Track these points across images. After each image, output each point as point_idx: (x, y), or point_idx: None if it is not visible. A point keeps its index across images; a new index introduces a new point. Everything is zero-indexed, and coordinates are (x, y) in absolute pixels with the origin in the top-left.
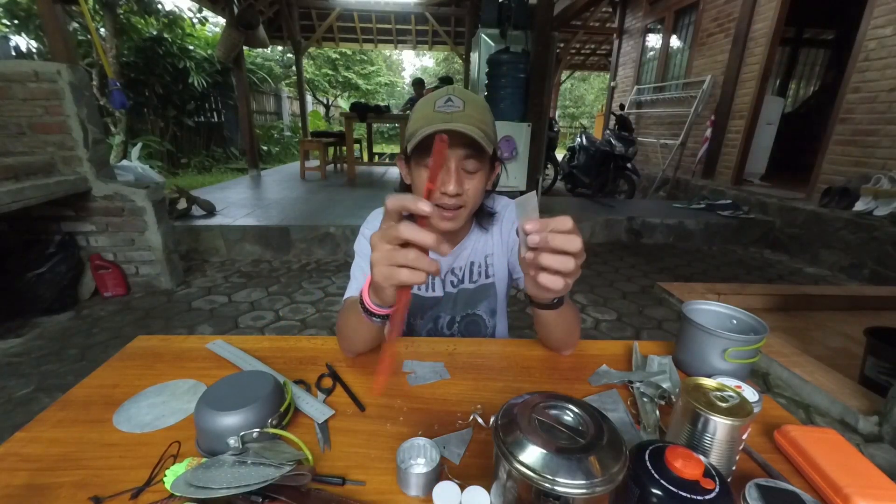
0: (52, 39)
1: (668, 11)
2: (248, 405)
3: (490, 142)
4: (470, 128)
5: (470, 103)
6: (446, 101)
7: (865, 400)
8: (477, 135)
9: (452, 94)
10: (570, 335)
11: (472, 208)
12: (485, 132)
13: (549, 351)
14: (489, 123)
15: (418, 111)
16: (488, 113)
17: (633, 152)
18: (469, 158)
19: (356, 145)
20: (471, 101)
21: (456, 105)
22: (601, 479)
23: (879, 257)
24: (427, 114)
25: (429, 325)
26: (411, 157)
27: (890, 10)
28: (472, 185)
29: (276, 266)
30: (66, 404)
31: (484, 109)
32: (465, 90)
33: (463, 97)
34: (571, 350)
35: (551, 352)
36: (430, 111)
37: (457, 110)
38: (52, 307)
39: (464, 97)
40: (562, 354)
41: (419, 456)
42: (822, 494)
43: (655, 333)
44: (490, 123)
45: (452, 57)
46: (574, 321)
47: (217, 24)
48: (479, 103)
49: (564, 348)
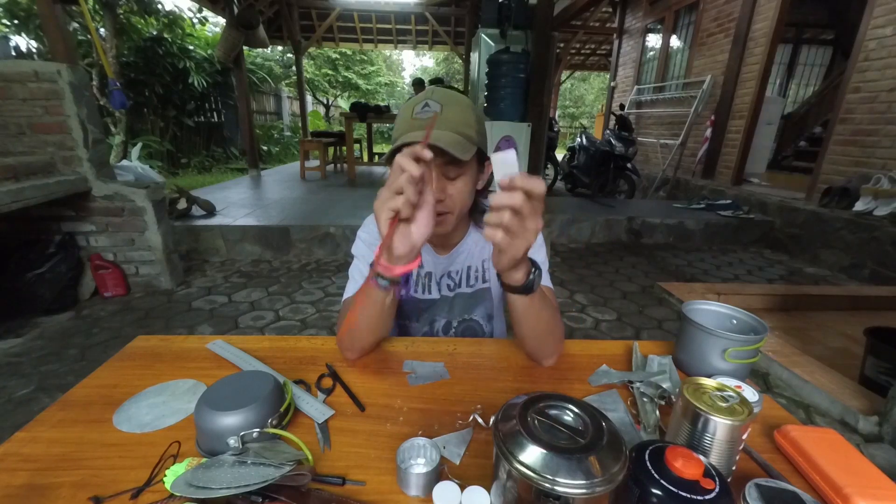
0: (52, 39)
1: (668, 11)
2: (248, 405)
3: (472, 143)
4: (445, 134)
5: (449, 105)
6: (423, 106)
7: (865, 400)
8: (450, 142)
9: (430, 99)
10: (543, 339)
11: (460, 212)
12: (464, 134)
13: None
14: (471, 123)
15: (399, 116)
16: (471, 111)
17: (633, 152)
18: (449, 165)
19: (356, 145)
20: (450, 102)
21: (432, 109)
22: (601, 479)
23: (879, 257)
24: (406, 120)
25: (424, 328)
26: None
27: (890, 10)
28: (455, 189)
29: (276, 266)
30: (66, 404)
31: (465, 109)
32: (448, 91)
33: (442, 100)
34: (550, 361)
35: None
36: (408, 117)
37: (432, 114)
38: (52, 307)
39: (443, 100)
40: (542, 365)
41: (419, 456)
42: (822, 494)
43: (655, 333)
44: (473, 123)
45: (452, 57)
46: (551, 324)
47: (217, 24)
48: (460, 104)
49: (541, 357)
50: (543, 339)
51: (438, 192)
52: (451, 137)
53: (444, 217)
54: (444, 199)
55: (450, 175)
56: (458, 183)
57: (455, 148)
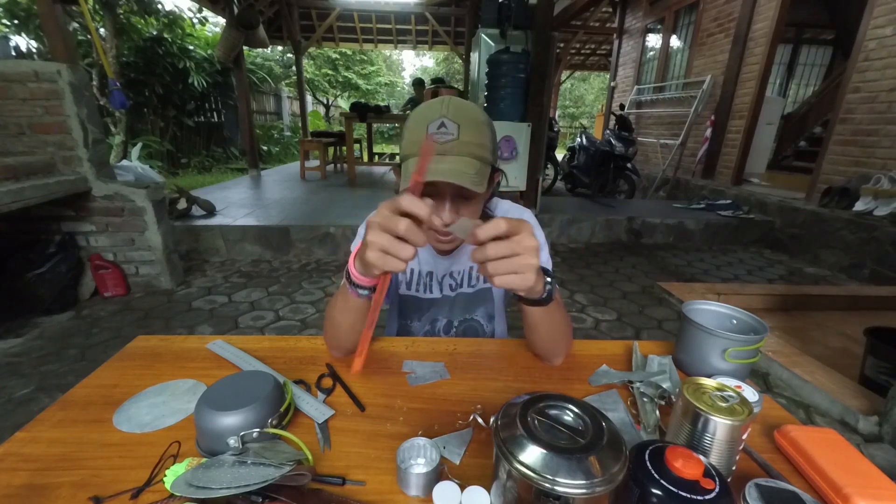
0: (52, 39)
1: (668, 11)
2: (248, 405)
3: (487, 165)
4: (463, 162)
5: (465, 126)
6: (439, 126)
7: (865, 400)
8: (468, 173)
9: (446, 118)
10: (556, 342)
11: None
12: (481, 157)
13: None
14: (486, 143)
15: (412, 131)
16: (486, 129)
17: (633, 152)
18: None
19: (356, 145)
20: (466, 121)
21: (450, 132)
22: (601, 479)
23: (879, 257)
24: (420, 139)
25: (426, 328)
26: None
27: (890, 10)
28: (468, 211)
29: (276, 266)
30: (66, 404)
31: (481, 127)
32: (462, 104)
33: (458, 119)
34: (560, 360)
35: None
36: (422, 133)
37: (451, 139)
38: (52, 307)
39: (458, 119)
40: (551, 363)
41: (419, 456)
42: (822, 494)
43: (655, 333)
44: (488, 142)
45: (452, 57)
46: (563, 327)
47: (217, 24)
48: (476, 121)
49: (552, 356)
50: (557, 341)
51: (450, 217)
52: (469, 165)
53: (453, 238)
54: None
55: (464, 195)
56: (472, 206)
57: (473, 180)
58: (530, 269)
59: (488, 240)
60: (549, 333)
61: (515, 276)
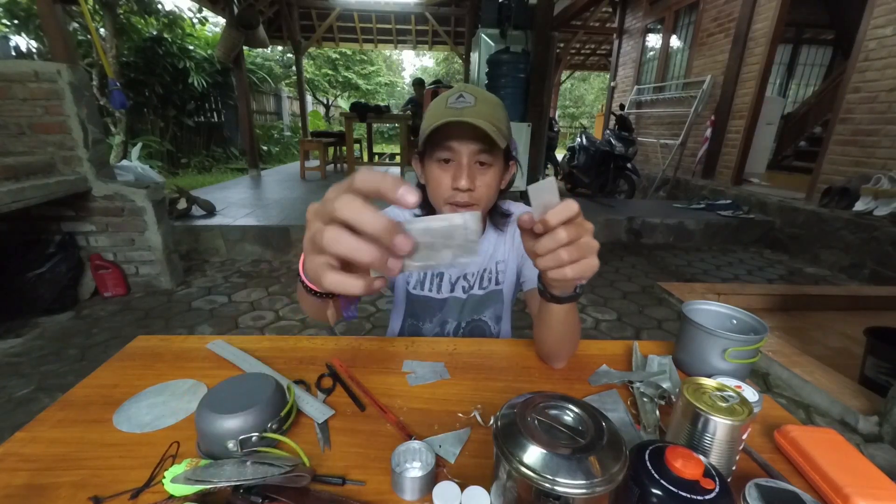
0: (52, 39)
1: (668, 11)
2: (248, 408)
3: (503, 137)
4: (480, 121)
5: (482, 100)
6: (458, 97)
7: (865, 400)
8: (488, 128)
9: (464, 91)
10: (567, 342)
11: (485, 207)
12: (497, 127)
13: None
14: (502, 119)
15: (431, 109)
16: (501, 109)
17: (633, 152)
18: (482, 153)
19: (356, 145)
20: (483, 97)
21: (467, 101)
22: (601, 479)
23: (879, 257)
24: (439, 111)
25: (436, 330)
26: (425, 155)
27: (890, 10)
28: (483, 181)
29: (276, 266)
30: (66, 404)
31: (497, 106)
32: (478, 88)
33: (475, 94)
34: (563, 363)
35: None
36: (441, 108)
37: (468, 106)
38: (52, 307)
39: (475, 94)
40: (555, 366)
41: (414, 459)
42: (822, 494)
43: (655, 333)
44: (503, 119)
45: (452, 57)
46: (576, 328)
47: (217, 24)
48: (492, 100)
49: (558, 358)
50: (568, 342)
51: (468, 182)
52: (486, 125)
53: (469, 209)
54: (473, 190)
55: (481, 160)
56: (488, 175)
57: (493, 131)
58: (595, 253)
59: (559, 224)
60: (564, 333)
61: (587, 262)
